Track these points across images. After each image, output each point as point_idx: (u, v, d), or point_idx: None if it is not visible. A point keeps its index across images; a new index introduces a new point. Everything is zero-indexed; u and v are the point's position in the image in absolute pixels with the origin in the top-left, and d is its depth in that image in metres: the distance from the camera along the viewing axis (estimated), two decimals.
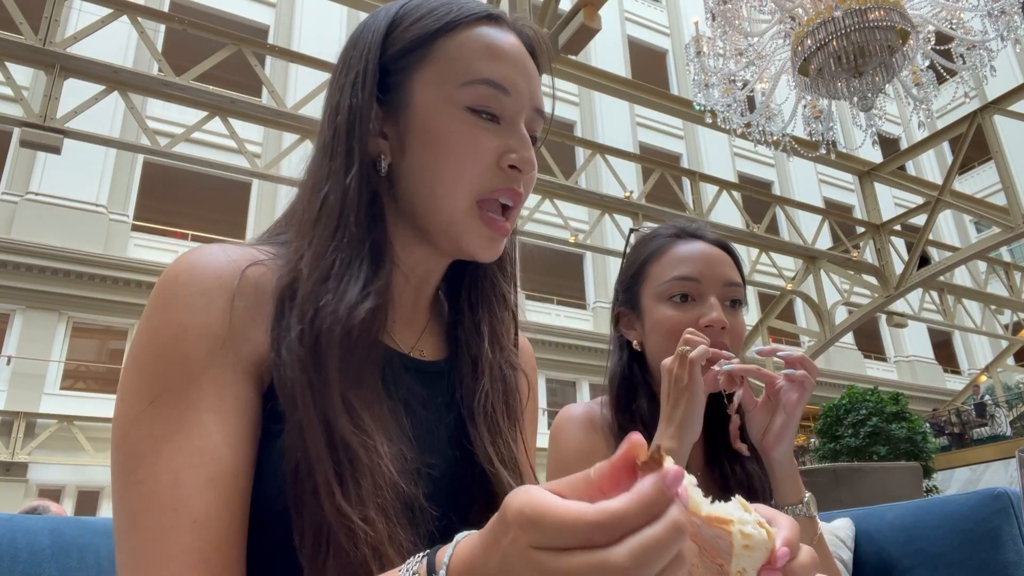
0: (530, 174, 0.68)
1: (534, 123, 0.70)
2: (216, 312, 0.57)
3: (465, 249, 0.68)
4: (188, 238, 14.67)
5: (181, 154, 7.31)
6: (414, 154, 0.66)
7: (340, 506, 0.54)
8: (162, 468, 0.52)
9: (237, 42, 6.87)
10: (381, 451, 0.57)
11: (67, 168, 12.66)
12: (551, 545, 0.34)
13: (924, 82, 5.59)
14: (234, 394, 0.56)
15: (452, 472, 0.66)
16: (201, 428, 0.54)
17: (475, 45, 0.67)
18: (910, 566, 1.19)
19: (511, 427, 0.72)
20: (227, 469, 0.54)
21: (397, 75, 0.67)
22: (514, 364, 0.75)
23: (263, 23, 16.19)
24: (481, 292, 0.75)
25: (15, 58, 6.06)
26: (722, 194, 9.98)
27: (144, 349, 0.56)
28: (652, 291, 1.09)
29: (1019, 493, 1.14)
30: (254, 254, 0.64)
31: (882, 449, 9.07)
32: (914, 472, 4.02)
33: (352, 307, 0.60)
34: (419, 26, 0.67)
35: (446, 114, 0.65)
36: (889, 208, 15.65)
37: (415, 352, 0.70)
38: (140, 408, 0.54)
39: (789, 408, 0.94)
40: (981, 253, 10.17)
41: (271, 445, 0.57)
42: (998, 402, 15.15)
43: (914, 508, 1.26)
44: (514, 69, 0.67)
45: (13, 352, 12.16)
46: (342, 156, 0.65)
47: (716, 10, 5.64)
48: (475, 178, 0.65)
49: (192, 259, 0.60)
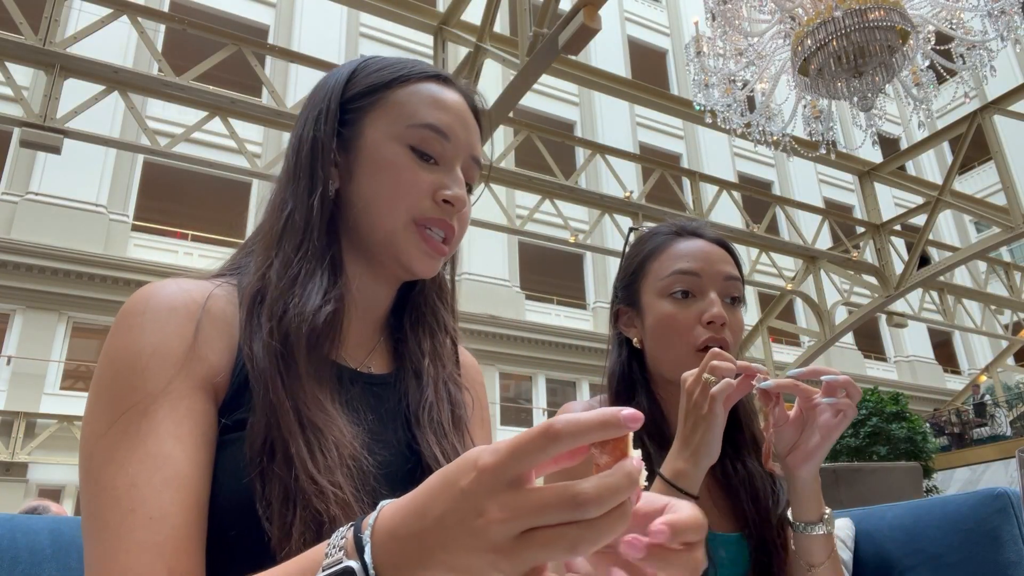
0: (463, 211, 0.78)
1: (471, 171, 0.80)
2: (169, 335, 0.64)
3: (403, 262, 0.75)
4: (188, 238, 14.67)
5: (181, 154, 7.31)
6: (359, 180, 0.75)
7: (311, 473, 0.60)
8: (121, 475, 0.57)
9: (237, 42, 6.87)
10: (344, 430, 0.65)
11: (67, 168, 12.65)
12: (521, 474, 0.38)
13: (924, 82, 5.59)
14: (187, 405, 0.62)
15: (400, 467, 0.72)
16: (156, 436, 0.59)
17: (423, 95, 0.77)
18: (910, 566, 1.19)
19: (457, 432, 0.78)
20: (181, 470, 0.59)
21: (353, 114, 0.78)
22: (457, 382, 0.83)
23: (263, 23, 16.18)
24: (422, 317, 0.85)
25: (15, 58, 6.06)
26: (722, 194, 9.98)
27: (104, 372, 0.63)
28: (652, 287, 1.09)
29: (1019, 493, 1.14)
30: (208, 286, 0.72)
31: (882, 449, 9.08)
32: (914, 472, 4.02)
33: (316, 310, 0.69)
34: (376, 75, 0.79)
35: (391, 149, 0.75)
36: (889, 208, 15.65)
37: (363, 368, 0.78)
38: (103, 429, 0.60)
39: (825, 431, 0.90)
40: (981, 253, 10.17)
41: (227, 452, 0.63)
42: (998, 402, 15.14)
43: (914, 508, 1.26)
44: (455, 119, 0.78)
45: (13, 352, 12.16)
46: (306, 180, 0.75)
47: (716, 10, 5.64)
48: (411, 203, 0.74)
49: (147, 292, 0.68)
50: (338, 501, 0.60)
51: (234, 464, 0.62)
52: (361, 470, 0.65)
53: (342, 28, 16.65)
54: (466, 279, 16.43)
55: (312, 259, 0.72)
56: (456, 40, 7.07)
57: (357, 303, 0.78)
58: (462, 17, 7.16)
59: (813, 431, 0.91)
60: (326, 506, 0.59)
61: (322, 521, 0.59)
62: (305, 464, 0.60)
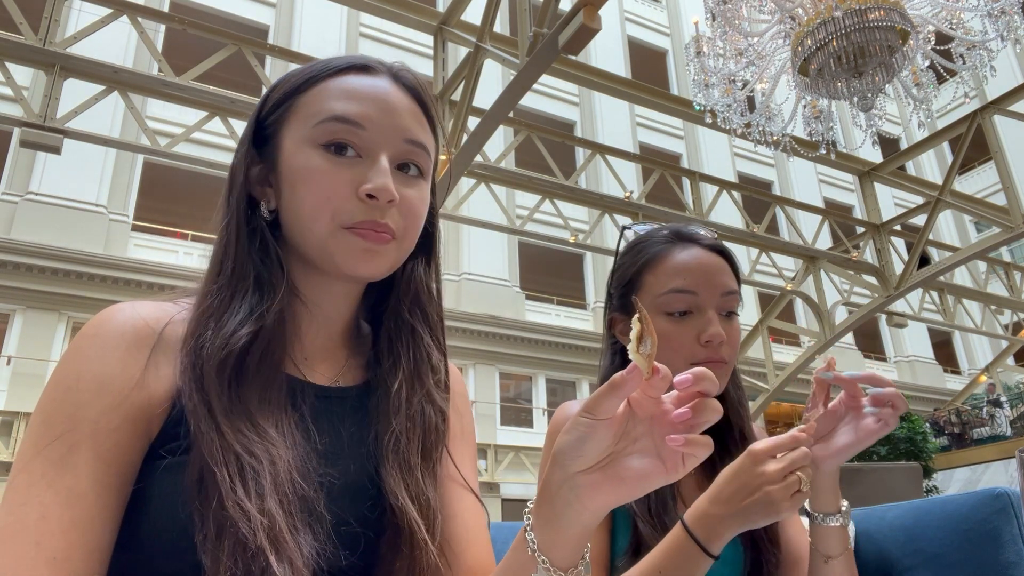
0: (406, 203, 0.72)
1: (412, 155, 0.74)
2: (112, 365, 0.64)
3: (344, 269, 0.71)
4: (188, 238, 14.67)
5: (181, 154, 7.31)
6: (284, 194, 0.73)
7: (240, 500, 0.59)
8: (35, 505, 0.58)
9: (237, 42, 6.87)
10: (281, 455, 0.64)
11: (67, 168, 12.66)
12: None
13: (924, 82, 5.59)
14: (115, 441, 0.62)
15: (353, 484, 0.71)
16: (75, 473, 0.60)
17: (331, 91, 0.73)
18: (910, 566, 1.19)
19: (426, 464, 0.75)
20: (90, 513, 0.59)
21: (270, 129, 0.75)
22: (435, 401, 0.78)
23: (263, 23, 16.18)
24: (400, 328, 0.80)
25: (15, 58, 6.06)
26: (722, 194, 9.98)
27: (47, 394, 0.64)
28: (648, 303, 1.07)
29: (1019, 493, 1.13)
30: (167, 309, 0.71)
31: (882, 449, 9.08)
32: (914, 472, 4.02)
33: (229, 336, 0.67)
34: (287, 84, 0.76)
35: (303, 154, 0.71)
36: (889, 208, 15.65)
37: (330, 381, 0.76)
38: (33, 453, 0.61)
39: (862, 435, 0.89)
40: (981, 253, 10.16)
41: (164, 481, 0.63)
42: (998, 402, 15.15)
43: (914, 508, 1.26)
44: (371, 105, 0.72)
45: (13, 352, 12.16)
46: (224, 208, 0.74)
47: (716, 10, 5.63)
48: (334, 206, 0.70)
49: (103, 316, 0.68)
50: (265, 529, 0.59)
51: (171, 496, 0.62)
52: (300, 496, 0.63)
53: (342, 28, 16.65)
54: (466, 279, 16.43)
55: (229, 286, 0.70)
56: (456, 40, 7.06)
57: (314, 315, 0.76)
58: (462, 17, 7.16)
59: (850, 430, 0.91)
60: (253, 534, 0.58)
61: (248, 548, 0.58)
62: (232, 491, 0.60)
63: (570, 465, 0.55)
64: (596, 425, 0.54)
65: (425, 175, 0.76)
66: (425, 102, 0.78)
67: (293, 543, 0.60)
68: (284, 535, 0.60)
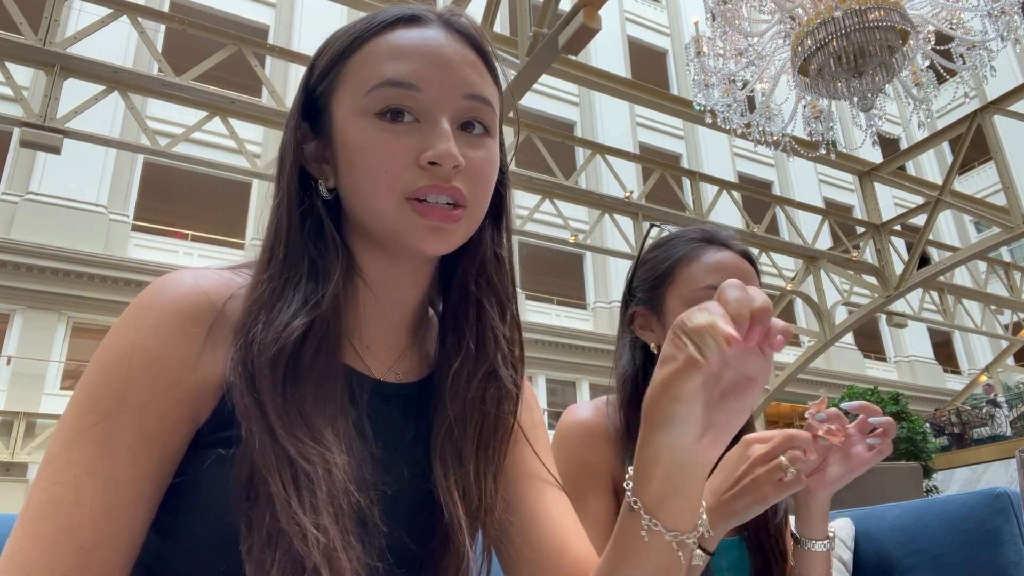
0: (471, 166, 0.66)
1: (473, 111, 0.67)
2: (166, 342, 0.59)
3: (408, 244, 0.65)
4: (188, 238, 14.68)
5: (181, 154, 7.31)
6: (342, 171, 0.66)
7: (295, 513, 0.55)
8: (71, 484, 0.55)
9: (237, 42, 6.87)
10: (337, 461, 0.59)
11: (67, 168, 12.66)
12: None
13: (924, 82, 5.59)
14: (161, 425, 0.58)
15: (406, 492, 0.66)
16: (115, 455, 0.56)
17: (380, 51, 0.66)
18: (910, 566, 1.19)
19: (482, 457, 0.69)
20: (125, 501, 0.56)
21: (321, 100, 0.69)
22: (502, 380, 0.71)
23: (263, 23, 16.19)
24: (465, 305, 0.73)
25: (15, 58, 6.06)
26: (722, 194, 9.98)
27: (96, 363, 0.60)
28: (681, 295, 1.07)
29: (1019, 493, 1.13)
30: (230, 281, 0.65)
31: None
32: (914, 472, 4.02)
33: (282, 329, 0.61)
34: (333, 49, 0.68)
35: (357, 126, 0.65)
36: (889, 208, 15.66)
37: (391, 375, 0.70)
38: (76, 431, 0.57)
39: (854, 463, 0.90)
40: (981, 253, 10.16)
41: (211, 476, 0.59)
42: (998, 402, 15.15)
43: (914, 508, 1.26)
44: (424, 62, 0.65)
45: (13, 352, 12.16)
46: (276, 189, 0.69)
47: (716, 10, 5.63)
48: (395, 179, 0.64)
49: (160, 285, 0.63)
50: (320, 547, 0.55)
51: (219, 495, 0.58)
52: (355, 507, 0.59)
53: None
54: None
55: (281, 274, 0.65)
56: None
57: (379, 297, 0.70)
58: None
59: (841, 460, 0.91)
60: (308, 551, 0.54)
61: (301, 567, 0.54)
62: (287, 504, 0.55)
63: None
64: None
65: (491, 132, 0.69)
66: (484, 49, 0.70)
67: (347, 561, 0.56)
68: (338, 553, 0.56)
